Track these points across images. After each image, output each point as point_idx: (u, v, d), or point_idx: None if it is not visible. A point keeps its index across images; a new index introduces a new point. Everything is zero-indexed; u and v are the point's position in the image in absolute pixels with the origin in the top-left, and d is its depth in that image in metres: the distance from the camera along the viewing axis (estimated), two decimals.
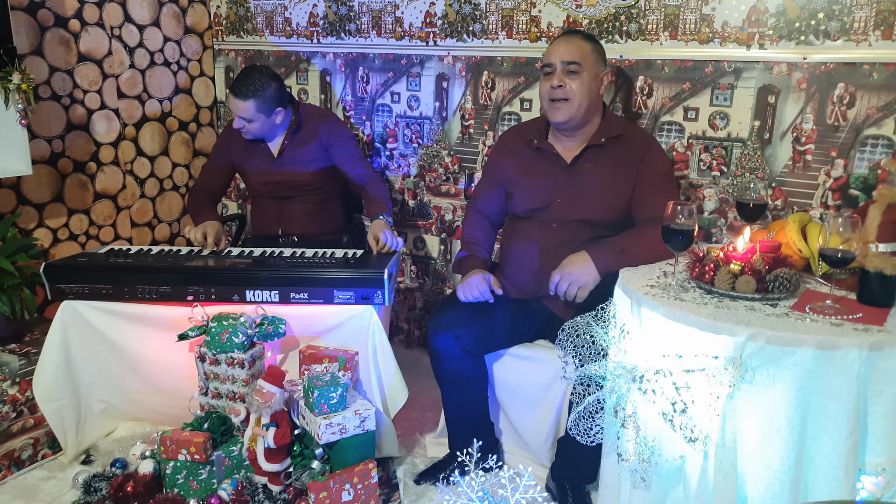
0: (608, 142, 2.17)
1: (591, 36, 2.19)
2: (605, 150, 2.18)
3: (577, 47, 2.13)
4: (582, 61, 2.12)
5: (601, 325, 1.79)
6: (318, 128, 2.71)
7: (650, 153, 2.16)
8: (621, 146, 2.18)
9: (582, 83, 2.12)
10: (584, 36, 2.17)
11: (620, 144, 2.18)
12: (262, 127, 2.62)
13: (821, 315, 1.57)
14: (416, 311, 3.18)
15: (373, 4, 2.95)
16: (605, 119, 2.21)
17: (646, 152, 2.16)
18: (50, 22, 2.86)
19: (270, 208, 2.80)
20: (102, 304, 2.30)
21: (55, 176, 2.97)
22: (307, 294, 2.23)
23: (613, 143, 2.18)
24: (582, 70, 2.12)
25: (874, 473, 1.51)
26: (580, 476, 2.14)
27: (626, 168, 2.15)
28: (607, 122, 2.21)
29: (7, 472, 2.29)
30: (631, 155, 2.16)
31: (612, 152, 2.17)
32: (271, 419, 2.11)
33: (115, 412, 2.47)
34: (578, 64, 2.12)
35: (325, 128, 2.71)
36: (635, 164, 2.15)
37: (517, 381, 2.26)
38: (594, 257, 2.05)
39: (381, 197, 2.64)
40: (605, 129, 2.18)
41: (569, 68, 2.12)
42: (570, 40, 2.16)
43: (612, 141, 2.18)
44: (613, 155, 2.17)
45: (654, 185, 2.13)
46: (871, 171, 2.11)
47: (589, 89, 2.13)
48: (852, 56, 2.07)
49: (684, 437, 1.56)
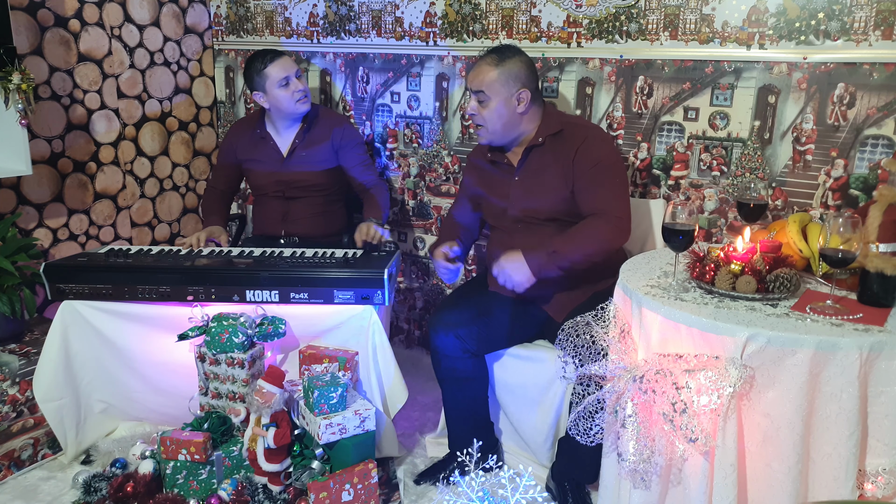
0: (547, 140, 2.19)
1: (507, 54, 2.16)
2: (546, 149, 2.20)
3: (482, 76, 2.15)
4: (487, 90, 2.14)
5: (601, 325, 1.79)
6: (332, 129, 2.72)
7: (585, 144, 2.16)
8: (560, 142, 2.19)
9: (490, 110, 2.16)
10: (496, 58, 2.16)
11: (560, 140, 2.19)
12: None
13: (821, 315, 1.57)
14: (416, 311, 3.18)
15: (373, 4, 2.95)
16: (543, 120, 2.23)
17: (580, 144, 2.16)
18: (50, 22, 2.86)
19: (275, 208, 2.80)
20: (102, 304, 2.30)
21: (55, 176, 2.97)
22: (307, 294, 2.23)
23: (553, 140, 2.19)
24: (488, 98, 2.15)
25: (874, 473, 1.51)
26: (580, 476, 2.14)
27: (563, 161, 2.17)
28: (546, 122, 2.22)
29: (7, 472, 2.29)
30: (567, 148, 2.17)
31: (552, 148, 2.19)
32: (271, 419, 2.11)
33: (115, 412, 2.47)
34: (483, 92, 2.15)
35: (339, 130, 2.72)
36: (570, 157, 2.16)
37: (517, 381, 2.26)
38: (528, 258, 2.08)
39: (382, 204, 2.67)
40: (544, 129, 2.21)
41: (478, 97, 2.17)
42: (478, 68, 2.18)
43: (552, 138, 2.19)
44: (554, 152, 2.19)
45: (590, 176, 2.13)
46: (871, 171, 2.11)
47: (499, 114, 2.16)
48: (852, 56, 2.07)
49: (684, 437, 1.56)
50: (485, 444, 2.24)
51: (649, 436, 1.63)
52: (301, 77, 2.66)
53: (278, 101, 2.63)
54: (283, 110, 2.66)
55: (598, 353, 1.76)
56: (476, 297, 2.28)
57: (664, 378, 1.57)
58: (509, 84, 2.14)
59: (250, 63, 2.64)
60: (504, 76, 2.14)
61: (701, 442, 1.54)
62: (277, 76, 2.59)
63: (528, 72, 2.18)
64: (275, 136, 2.75)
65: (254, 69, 2.62)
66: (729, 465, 1.52)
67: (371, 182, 2.73)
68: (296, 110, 2.65)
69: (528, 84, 2.16)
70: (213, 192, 2.88)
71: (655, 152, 2.45)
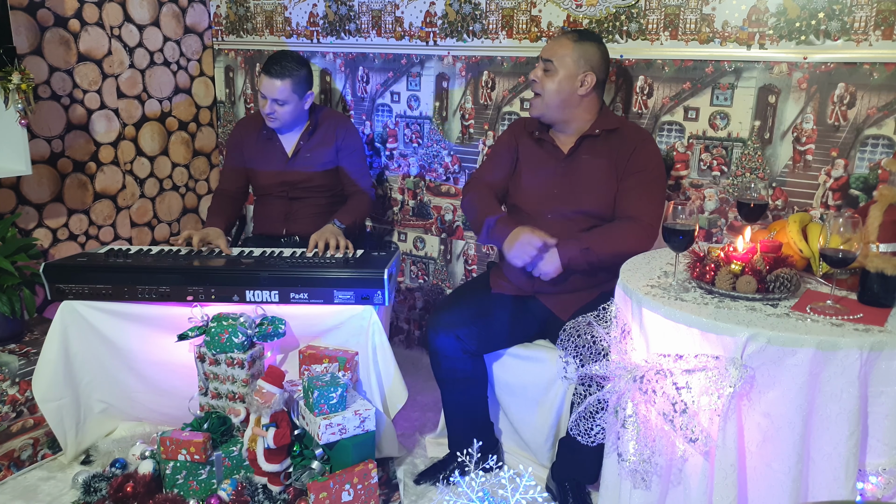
0: (603, 133, 2.18)
1: (588, 37, 2.18)
2: (600, 142, 2.19)
3: (558, 46, 2.16)
4: (556, 60, 2.14)
5: (602, 325, 1.79)
6: (336, 130, 2.75)
7: (642, 146, 2.16)
8: (617, 138, 2.18)
9: (553, 81, 2.14)
10: (577, 36, 2.17)
11: (616, 137, 2.19)
12: (292, 111, 2.65)
13: (821, 315, 1.57)
14: (416, 311, 3.18)
15: (373, 4, 2.95)
16: (601, 113, 2.23)
17: (638, 145, 2.16)
18: (50, 22, 2.86)
19: (277, 208, 2.80)
20: (102, 304, 2.30)
21: (55, 176, 2.97)
22: (307, 294, 2.23)
23: (609, 135, 2.19)
24: (555, 69, 2.14)
25: (874, 474, 1.51)
26: (581, 476, 2.14)
27: (618, 158, 2.16)
28: (603, 117, 2.22)
29: (7, 472, 2.29)
30: (623, 146, 2.17)
31: (608, 143, 2.18)
32: (271, 419, 2.11)
33: (115, 412, 2.47)
34: (552, 62, 2.15)
35: (342, 131, 2.75)
36: (626, 156, 2.15)
37: (517, 381, 2.26)
38: (560, 250, 2.06)
39: (359, 211, 2.69)
40: (601, 123, 2.20)
41: (545, 66, 2.17)
42: (556, 39, 2.20)
43: (608, 133, 2.19)
44: (609, 146, 2.18)
45: (637, 180, 2.13)
46: (871, 171, 2.11)
47: (560, 88, 2.14)
48: (853, 56, 2.07)
49: (684, 437, 1.56)
50: (485, 445, 2.23)
51: (649, 436, 1.63)
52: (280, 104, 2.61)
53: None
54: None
55: (600, 353, 1.76)
56: (475, 298, 2.27)
57: (664, 378, 1.57)
58: (580, 63, 2.14)
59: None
60: (577, 53, 2.14)
61: (701, 442, 1.54)
62: (261, 88, 2.63)
63: (602, 61, 2.19)
64: (280, 136, 2.76)
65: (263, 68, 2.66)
66: (729, 465, 1.52)
67: (354, 190, 2.75)
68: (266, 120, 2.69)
69: (597, 71, 2.17)
70: (223, 195, 2.85)
71: None
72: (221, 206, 2.81)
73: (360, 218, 2.73)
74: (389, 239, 3.16)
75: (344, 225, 2.58)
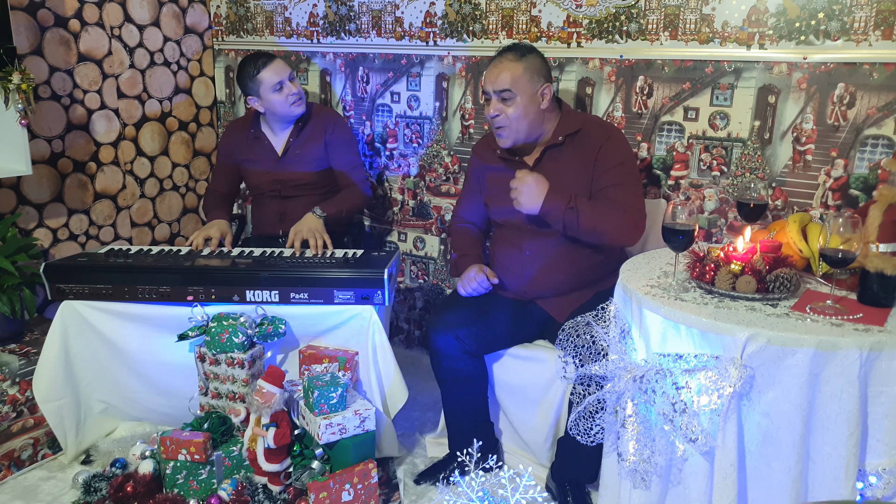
0: (566, 139, 2.17)
1: (525, 50, 2.14)
2: (564, 148, 2.17)
3: (507, 73, 2.09)
4: (513, 87, 2.09)
5: (601, 326, 1.79)
6: (324, 125, 2.73)
7: (607, 144, 2.14)
8: (580, 141, 2.17)
9: (517, 108, 2.10)
10: (516, 54, 2.12)
11: (579, 139, 2.17)
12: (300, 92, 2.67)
13: (821, 315, 1.57)
14: (416, 311, 3.18)
15: (373, 4, 2.95)
16: (561, 118, 2.20)
17: (602, 143, 2.14)
18: (50, 22, 2.86)
19: (272, 208, 2.80)
20: (102, 304, 2.30)
21: (55, 176, 2.97)
22: (307, 294, 2.23)
23: (572, 139, 2.17)
24: (515, 96, 2.09)
25: (874, 474, 1.51)
26: (580, 476, 2.14)
27: (585, 161, 2.15)
28: (564, 121, 2.19)
29: (7, 472, 2.29)
30: (588, 147, 2.15)
31: (571, 148, 2.17)
32: (271, 419, 2.11)
33: (115, 412, 2.47)
34: (510, 91, 2.09)
35: (330, 126, 2.74)
36: (592, 156, 2.14)
37: (517, 381, 2.26)
38: (548, 195, 2.04)
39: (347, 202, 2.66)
40: (562, 128, 2.18)
41: (502, 96, 2.11)
42: (499, 66, 2.12)
43: (571, 137, 2.17)
44: (573, 151, 2.17)
45: (611, 176, 2.12)
46: (871, 171, 2.11)
47: (525, 112, 2.11)
48: (852, 56, 2.07)
49: (684, 437, 1.56)
50: (485, 445, 2.22)
51: (649, 436, 1.63)
52: (294, 80, 2.66)
53: (273, 105, 2.63)
54: (278, 113, 2.66)
55: (599, 353, 1.76)
56: (475, 298, 2.27)
57: (664, 378, 1.57)
58: (534, 79, 2.11)
59: (242, 68, 2.63)
60: (529, 71, 2.10)
61: (701, 442, 1.54)
62: (271, 81, 2.59)
63: (546, 67, 2.17)
64: (269, 136, 2.76)
65: (246, 74, 2.61)
66: (729, 465, 1.52)
67: (346, 183, 2.73)
68: (290, 113, 2.66)
69: (548, 78, 2.15)
70: (215, 194, 2.87)
71: (655, 152, 2.45)
72: (219, 203, 2.82)
73: (348, 209, 2.69)
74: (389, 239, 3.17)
75: (325, 214, 2.54)
